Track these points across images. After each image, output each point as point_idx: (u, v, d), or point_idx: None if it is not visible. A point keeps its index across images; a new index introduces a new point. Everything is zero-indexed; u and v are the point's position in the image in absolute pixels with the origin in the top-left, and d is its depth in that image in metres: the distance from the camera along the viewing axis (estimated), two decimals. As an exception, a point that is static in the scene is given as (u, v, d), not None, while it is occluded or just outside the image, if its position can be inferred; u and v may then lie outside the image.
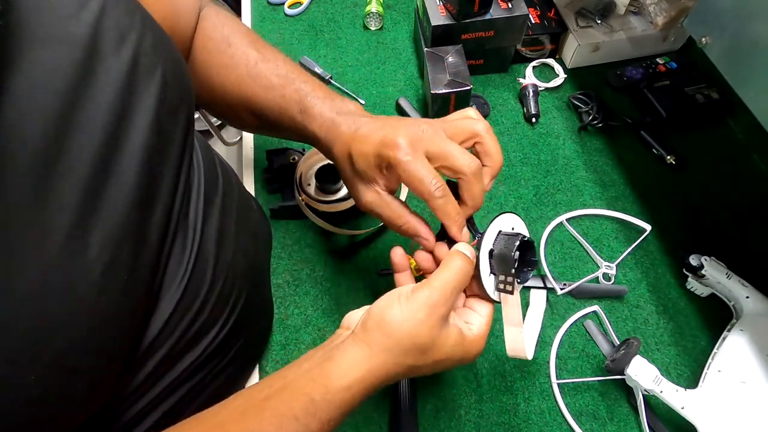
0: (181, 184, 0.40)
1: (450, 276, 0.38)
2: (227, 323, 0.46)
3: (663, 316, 0.63)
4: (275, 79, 0.50)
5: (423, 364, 0.37)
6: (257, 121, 0.52)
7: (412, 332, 0.36)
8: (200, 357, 0.43)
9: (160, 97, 0.36)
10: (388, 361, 0.36)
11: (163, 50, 0.37)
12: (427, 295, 0.37)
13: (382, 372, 0.36)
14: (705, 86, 0.78)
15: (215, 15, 0.53)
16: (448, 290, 0.37)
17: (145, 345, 0.37)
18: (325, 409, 0.35)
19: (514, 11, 0.76)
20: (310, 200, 0.65)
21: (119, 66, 0.33)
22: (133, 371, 0.37)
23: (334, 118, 0.46)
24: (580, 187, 0.73)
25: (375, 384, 0.36)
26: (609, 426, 0.56)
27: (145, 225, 0.34)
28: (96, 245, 0.30)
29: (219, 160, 0.52)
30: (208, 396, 0.47)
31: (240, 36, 0.52)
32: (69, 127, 0.29)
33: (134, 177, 0.33)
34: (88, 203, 0.30)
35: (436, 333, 0.37)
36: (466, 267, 0.39)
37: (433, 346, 0.37)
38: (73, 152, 0.29)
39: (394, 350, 0.36)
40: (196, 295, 0.41)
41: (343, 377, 0.35)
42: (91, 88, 0.31)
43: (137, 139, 0.33)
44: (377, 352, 0.36)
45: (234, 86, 0.51)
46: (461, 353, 0.39)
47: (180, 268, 0.40)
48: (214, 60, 0.51)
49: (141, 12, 0.37)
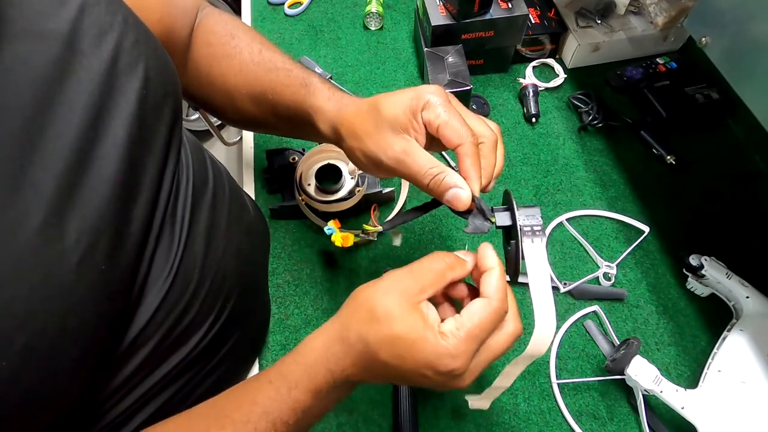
0: (167, 179, 0.40)
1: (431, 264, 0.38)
2: (218, 321, 0.46)
3: (663, 316, 0.63)
4: (280, 63, 0.51)
5: (374, 338, 0.35)
6: (255, 107, 0.53)
7: (370, 296, 0.37)
8: (190, 355, 0.43)
9: (142, 92, 0.37)
10: (344, 324, 0.37)
11: (146, 47, 0.39)
12: (398, 270, 0.38)
13: (340, 336, 0.37)
14: (705, 86, 0.78)
15: (218, 14, 0.55)
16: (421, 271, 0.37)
17: (130, 339, 0.37)
18: (293, 370, 0.38)
19: (514, 11, 0.76)
20: (310, 200, 0.65)
21: (99, 62, 0.34)
22: (118, 366, 0.37)
23: (343, 95, 0.48)
24: (580, 187, 0.73)
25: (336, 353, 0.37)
26: (609, 426, 0.56)
27: (126, 216, 0.35)
28: (73, 232, 0.30)
29: (210, 159, 0.52)
30: (199, 395, 0.47)
31: (243, 30, 0.54)
32: (46, 119, 0.30)
33: (114, 168, 0.34)
34: (65, 192, 0.30)
35: (391, 303, 0.35)
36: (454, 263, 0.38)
37: (386, 316, 0.35)
38: (50, 143, 0.30)
39: (352, 314, 0.37)
40: (184, 291, 0.42)
41: (311, 339, 0.38)
42: (69, 83, 0.32)
43: (118, 132, 0.34)
44: (339, 317, 0.38)
45: (236, 72, 0.51)
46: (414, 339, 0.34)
47: (167, 263, 0.40)
48: (217, 51, 0.52)
49: (123, 11, 0.38)
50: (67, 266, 0.30)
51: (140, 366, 0.39)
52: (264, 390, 0.37)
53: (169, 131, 0.41)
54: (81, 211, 0.31)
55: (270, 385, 0.37)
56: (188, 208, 0.43)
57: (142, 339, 0.38)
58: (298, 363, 0.38)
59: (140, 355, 0.39)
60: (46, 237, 0.29)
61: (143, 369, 0.39)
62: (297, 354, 0.38)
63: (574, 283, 0.64)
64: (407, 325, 0.35)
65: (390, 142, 0.41)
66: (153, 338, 0.39)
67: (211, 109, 0.57)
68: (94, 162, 0.33)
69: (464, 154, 0.40)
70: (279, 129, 0.56)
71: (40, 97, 0.30)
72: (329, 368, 0.37)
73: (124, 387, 0.39)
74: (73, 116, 0.32)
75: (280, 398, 0.37)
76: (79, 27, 0.33)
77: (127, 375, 0.38)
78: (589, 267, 0.67)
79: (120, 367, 0.38)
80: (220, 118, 0.58)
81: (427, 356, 0.34)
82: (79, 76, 0.33)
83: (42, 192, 0.29)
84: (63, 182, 0.30)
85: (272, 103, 0.51)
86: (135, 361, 0.38)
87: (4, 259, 0.27)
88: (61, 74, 0.32)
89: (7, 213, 0.28)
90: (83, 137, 0.32)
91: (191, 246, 0.43)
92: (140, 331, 0.38)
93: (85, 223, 0.31)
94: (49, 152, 0.30)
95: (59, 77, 0.32)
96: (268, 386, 0.37)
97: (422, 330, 0.35)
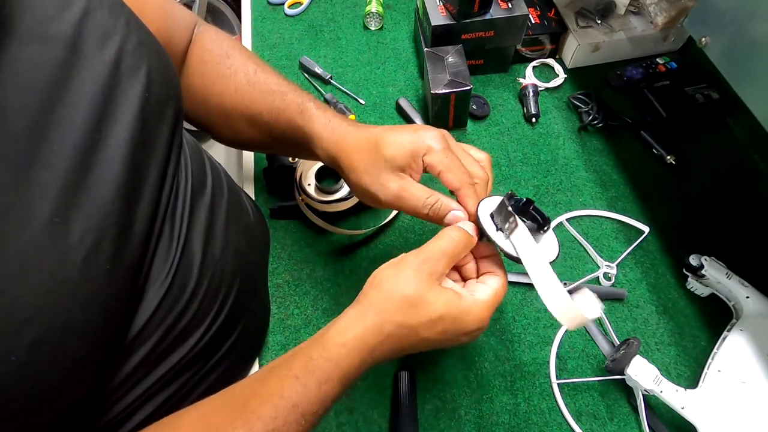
0: (169, 179, 0.41)
1: (442, 242, 0.41)
2: (216, 320, 0.47)
3: (663, 316, 0.63)
4: (275, 86, 0.52)
5: (417, 322, 0.39)
6: (251, 129, 0.53)
7: (401, 286, 0.39)
8: (189, 353, 0.44)
9: (145, 94, 0.37)
10: (381, 317, 0.39)
11: (148, 50, 0.39)
12: (416, 255, 0.40)
13: (376, 329, 0.38)
14: (705, 86, 0.78)
15: (214, 32, 0.55)
16: (438, 252, 0.40)
17: (131, 336, 0.38)
18: (322, 366, 0.37)
19: (514, 11, 0.76)
20: (310, 200, 0.65)
21: (102, 65, 0.35)
22: (119, 363, 0.38)
23: (341, 121, 0.48)
24: (580, 187, 0.73)
25: (371, 343, 0.38)
26: (609, 426, 0.56)
27: (129, 215, 0.35)
28: (78, 232, 0.31)
29: (209, 159, 0.52)
30: (200, 393, 0.47)
31: (239, 50, 0.54)
32: (50, 121, 0.31)
33: (118, 170, 0.34)
34: (69, 192, 0.31)
35: (423, 288, 0.39)
36: (460, 235, 0.41)
37: (423, 301, 0.39)
38: (54, 144, 0.31)
39: (386, 306, 0.39)
40: (183, 290, 0.42)
41: (339, 335, 0.38)
42: (72, 86, 0.32)
43: (121, 134, 0.35)
44: (371, 310, 0.39)
45: (231, 93, 0.52)
46: (457, 315, 0.39)
47: (166, 262, 0.40)
48: (212, 70, 0.52)
49: (126, 14, 0.38)
50: (72, 264, 0.30)
51: (140, 364, 0.39)
52: (291, 385, 0.37)
53: (171, 133, 0.41)
54: (85, 211, 0.32)
55: (297, 380, 0.37)
56: (187, 208, 0.44)
57: (141, 338, 0.39)
58: (327, 360, 0.38)
59: (140, 354, 0.39)
60: (51, 235, 0.30)
61: (143, 367, 0.40)
62: (324, 350, 0.38)
63: (574, 283, 0.64)
64: (445, 304, 0.39)
65: (387, 181, 0.44)
66: (152, 337, 0.39)
67: (205, 128, 0.56)
68: (98, 163, 0.33)
69: (465, 196, 0.44)
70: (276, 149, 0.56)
71: (44, 99, 0.31)
72: (363, 358, 0.38)
73: (125, 384, 0.39)
74: (77, 118, 0.32)
75: (309, 392, 0.37)
76: (83, 30, 0.34)
77: (128, 372, 0.38)
78: (589, 267, 0.67)
79: (121, 365, 0.38)
80: (215, 136, 0.57)
81: (469, 325, 0.40)
82: (83, 79, 0.33)
83: (47, 192, 0.30)
84: (67, 183, 0.31)
85: (269, 126, 0.52)
86: (135, 360, 0.39)
87: (12, 256, 0.28)
88: (65, 77, 0.32)
89: (13, 212, 0.28)
90: (87, 139, 0.33)
91: (190, 245, 0.43)
92: (140, 329, 0.38)
93: (90, 222, 0.32)
94: (54, 153, 0.31)
95: (63, 80, 0.32)
96: (295, 381, 0.37)
97: (460, 304, 0.39)
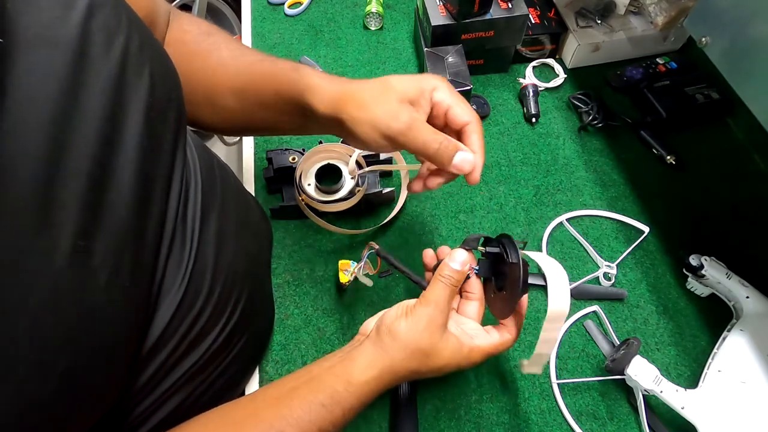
0: (176, 186, 0.40)
1: (440, 292, 0.44)
2: (228, 323, 0.46)
3: (663, 316, 0.63)
4: (263, 56, 0.51)
5: (426, 369, 0.43)
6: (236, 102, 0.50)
7: (416, 338, 0.42)
8: (202, 357, 0.43)
9: (149, 99, 0.35)
10: (396, 362, 0.42)
11: (150, 50, 0.37)
12: (425, 309, 0.43)
13: (392, 372, 0.42)
14: (705, 86, 0.78)
15: (190, 16, 0.53)
16: (441, 303, 0.43)
17: (148, 347, 0.37)
18: (347, 399, 0.41)
19: (514, 11, 0.76)
20: (310, 200, 0.65)
21: (108, 68, 0.32)
22: (137, 373, 0.37)
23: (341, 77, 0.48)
24: (580, 187, 0.73)
25: (386, 381, 0.42)
26: (609, 426, 0.56)
27: (143, 229, 0.34)
28: (100, 253, 0.30)
29: (217, 161, 0.51)
30: (211, 396, 0.47)
31: (218, 30, 0.53)
32: (65, 132, 0.28)
33: (131, 180, 0.33)
34: (89, 212, 0.29)
35: (436, 339, 0.43)
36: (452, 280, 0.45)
37: (434, 352, 0.43)
38: (71, 158, 0.28)
39: (401, 353, 0.42)
40: (197, 297, 0.41)
41: (363, 373, 0.41)
42: (82, 92, 0.30)
43: (131, 141, 0.33)
44: (388, 354, 0.42)
45: (215, 67, 0.50)
46: (460, 359, 0.44)
47: (179, 271, 0.40)
48: (194, 48, 0.50)
49: (127, 12, 0.36)
50: (96, 287, 0.29)
51: (157, 371, 0.39)
52: (318, 411, 0.40)
53: (174, 136, 0.40)
54: (105, 230, 0.30)
55: (323, 408, 0.40)
56: (198, 213, 0.42)
57: (159, 346, 0.38)
58: (352, 394, 0.41)
59: (157, 361, 0.39)
60: (77, 259, 0.28)
61: (159, 374, 0.39)
62: (349, 385, 0.41)
63: (574, 283, 0.64)
64: (451, 351, 0.43)
65: (398, 111, 0.44)
66: (168, 345, 0.39)
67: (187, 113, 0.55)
68: (112, 178, 0.31)
69: (472, 131, 0.46)
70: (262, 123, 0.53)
71: (58, 109, 0.28)
72: (379, 390, 0.43)
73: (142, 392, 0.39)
74: (89, 130, 0.30)
75: (335, 418, 0.41)
76: (88, 31, 0.31)
77: (145, 381, 0.38)
78: (589, 267, 0.67)
79: (137, 375, 0.38)
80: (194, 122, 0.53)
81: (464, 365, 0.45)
82: (92, 86, 0.31)
83: (69, 216, 0.28)
84: (86, 202, 0.29)
85: (257, 93, 0.49)
86: (151, 368, 0.38)
87: (43, 286, 0.26)
88: (74, 85, 0.30)
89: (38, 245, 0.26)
90: (101, 150, 0.31)
91: (202, 252, 0.42)
92: (157, 339, 0.38)
93: (110, 240, 0.30)
94: (72, 169, 0.28)
95: (73, 87, 0.30)
96: (322, 409, 0.40)
97: (462, 350, 0.44)
